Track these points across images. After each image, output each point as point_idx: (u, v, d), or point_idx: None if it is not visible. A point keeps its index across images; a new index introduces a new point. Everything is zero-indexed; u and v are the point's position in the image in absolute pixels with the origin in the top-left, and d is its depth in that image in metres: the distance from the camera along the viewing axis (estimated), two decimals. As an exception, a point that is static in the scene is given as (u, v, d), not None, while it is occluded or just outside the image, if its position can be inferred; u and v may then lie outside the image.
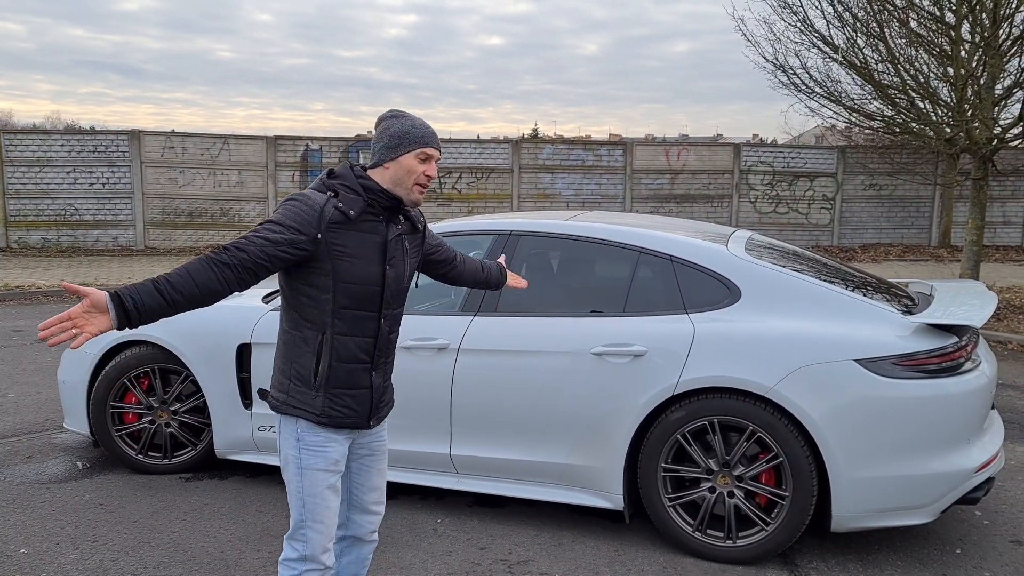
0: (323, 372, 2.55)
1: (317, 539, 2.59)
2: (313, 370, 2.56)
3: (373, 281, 2.56)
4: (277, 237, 2.40)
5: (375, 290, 2.57)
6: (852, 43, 10.71)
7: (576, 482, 4.03)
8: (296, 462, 2.58)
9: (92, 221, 16.22)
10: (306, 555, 2.60)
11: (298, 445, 2.57)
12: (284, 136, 17.08)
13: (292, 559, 2.62)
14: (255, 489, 4.63)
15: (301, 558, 2.60)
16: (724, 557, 3.79)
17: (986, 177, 10.46)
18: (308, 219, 2.43)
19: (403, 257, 2.65)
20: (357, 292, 2.54)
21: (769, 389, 3.62)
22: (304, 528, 2.59)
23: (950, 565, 3.79)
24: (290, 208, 2.46)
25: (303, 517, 2.58)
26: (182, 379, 4.77)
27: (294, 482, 2.59)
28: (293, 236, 2.41)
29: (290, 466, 2.59)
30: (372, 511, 2.81)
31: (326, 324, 2.54)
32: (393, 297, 2.63)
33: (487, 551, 3.91)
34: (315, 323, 2.54)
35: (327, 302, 2.52)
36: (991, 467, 3.72)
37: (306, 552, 2.59)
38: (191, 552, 3.86)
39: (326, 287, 2.51)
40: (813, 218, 18.40)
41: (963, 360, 3.67)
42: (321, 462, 2.57)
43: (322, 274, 2.49)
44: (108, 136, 16.36)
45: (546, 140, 20.15)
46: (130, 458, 4.85)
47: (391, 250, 2.59)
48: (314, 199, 2.47)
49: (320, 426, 2.58)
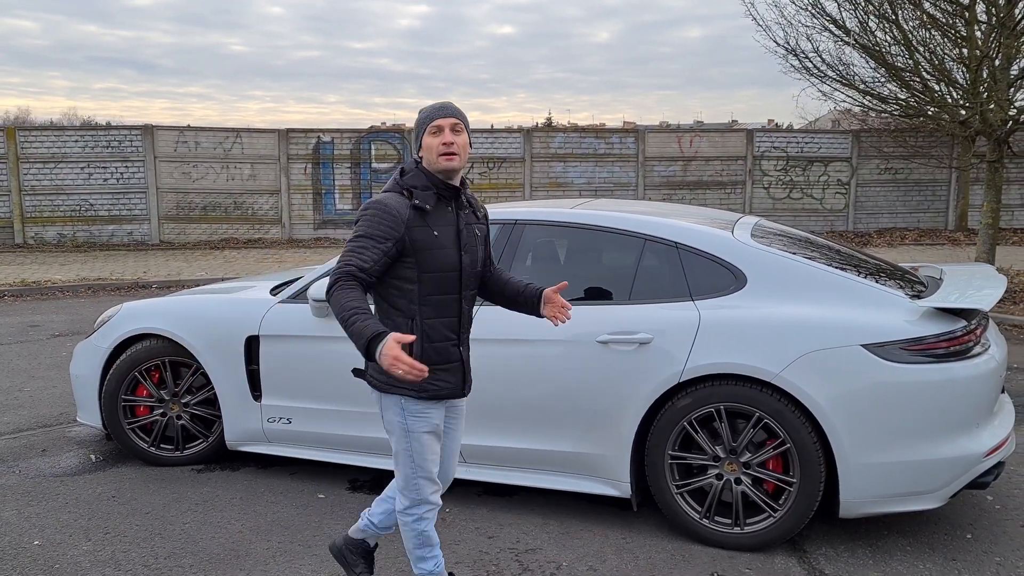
0: (417, 354, 2.82)
1: (426, 486, 2.95)
2: (407, 353, 2.73)
3: (452, 268, 2.86)
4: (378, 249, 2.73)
5: (454, 275, 2.88)
6: (864, 26, 10.59)
7: (584, 470, 4.03)
8: (402, 427, 2.90)
9: (107, 216, 16.34)
10: (420, 500, 2.96)
11: (403, 413, 2.89)
12: (296, 129, 17.11)
13: (408, 507, 2.98)
14: (266, 480, 4.66)
15: (415, 503, 2.97)
16: (732, 544, 3.78)
17: (1001, 159, 10.35)
18: (391, 224, 2.75)
19: (475, 243, 2.96)
20: (440, 279, 2.85)
21: (776, 375, 3.60)
22: (415, 479, 2.94)
23: (960, 550, 3.77)
24: (371, 218, 2.76)
25: (413, 472, 2.93)
26: (192, 372, 4.81)
27: (402, 443, 2.92)
28: (384, 246, 2.74)
29: (396, 430, 2.92)
30: (448, 473, 3.15)
31: (414, 311, 2.84)
32: (470, 280, 2.95)
33: (495, 539, 3.92)
34: (404, 311, 2.85)
35: (413, 292, 2.83)
36: (1001, 451, 3.69)
37: (419, 498, 2.96)
38: (202, 543, 3.89)
39: (412, 278, 2.82)
40: (828, 203, 18.26)
41: (972, 344, 3.63)
42: (424, 425, 2.90)
43: (408, 267, 2.81)
44: (121, 131, 16.46)
45: (558, 129, 20.10)
46: (142, 450, 4.90)
47: (464, 238, 2.90)
48: (391, 203, 2.78)
49: (420, 399, 2.88)
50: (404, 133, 17.59)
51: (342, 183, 17.23)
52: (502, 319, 4.10)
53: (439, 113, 2.84)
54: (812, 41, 11.32)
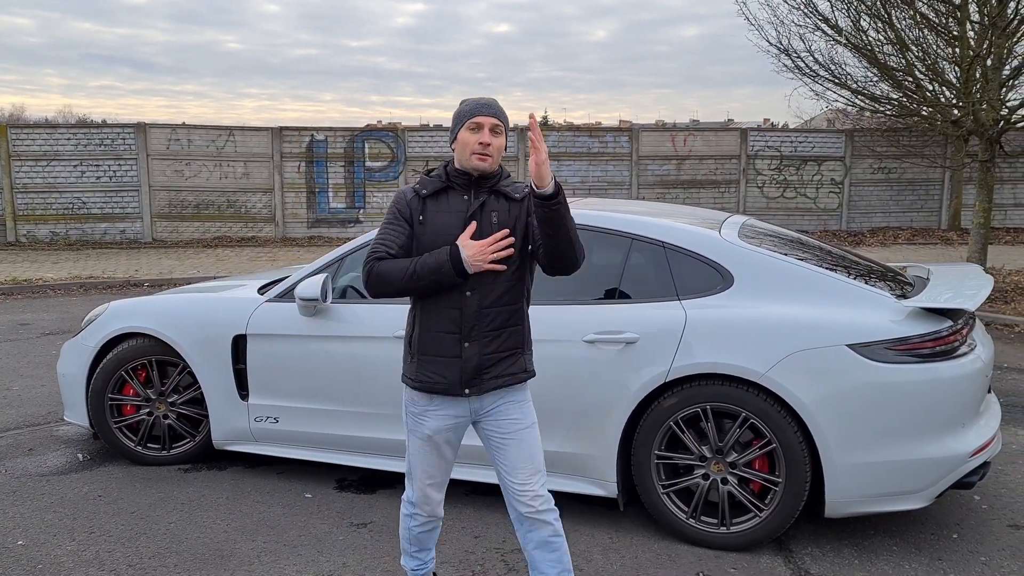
0: (415, 340, 2.84)
1: (415, 488, 2.98)
2: (409, 337, 2.89)
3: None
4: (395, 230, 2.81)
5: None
6: (856, 25, 10.60)
7: (570, 470, 4.02)
8: (404, 420, 2.96)
9: (99, 214, 16.29)
10: (411, 499, 3.02)
11: (405, 407, 2.94)
12: (289, 127, 17.08)
13: (405, 499, 3.06)
14: (253, 480, 4.65)
15: (408, 500, 3.04)
16: (719, 543, 3.78)
17: (994, 159, 10.36)
18: (400, 207, 2.84)
19: (489, 230, 2.77)
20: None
21: (762, 375, 3.60)
22: (408, 475, 3.01)
23: (946, 550, 3.77)
24: (389, 207, 2.87)
25: (408, 467, 3.00)
26: (179, 370, 4.79)
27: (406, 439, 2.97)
28: (400, 226, 2.81)
29: (404, 426, 2.97)
30: (519, 490, 2.85)
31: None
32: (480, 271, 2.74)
33: (481, 539, 3.91)
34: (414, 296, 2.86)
35: None
36: (987, 451, 3.69)
37: (411, 497, 3.01)
38: (187, 543, 3.88)
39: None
40: (821, 202, 18.28)
41: (958, 344, 3.64)
42: (416, 427, 2.90)
43: (415, 250, 2.80)
44: (114, 129, 16.41)
45: (552, 127, 20.08)
46: (129, 450, 4.88)
47: (477, 227, 2.76)
48: (402, 190, 2.88)
49: (418, 393, 2.87)
50: (398, 132, 17.56)
51: (336, 182, 17.20)
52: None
53: (482, 110, 2.77)
54: (804, 40, 11.33)
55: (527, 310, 2.90)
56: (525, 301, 2.89)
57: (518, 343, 2.85)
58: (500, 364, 2.81)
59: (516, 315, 2.83)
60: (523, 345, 2.87)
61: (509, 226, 2.77)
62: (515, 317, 2.83)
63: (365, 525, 4.07)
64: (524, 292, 2.87)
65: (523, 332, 2.87)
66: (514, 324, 2.83)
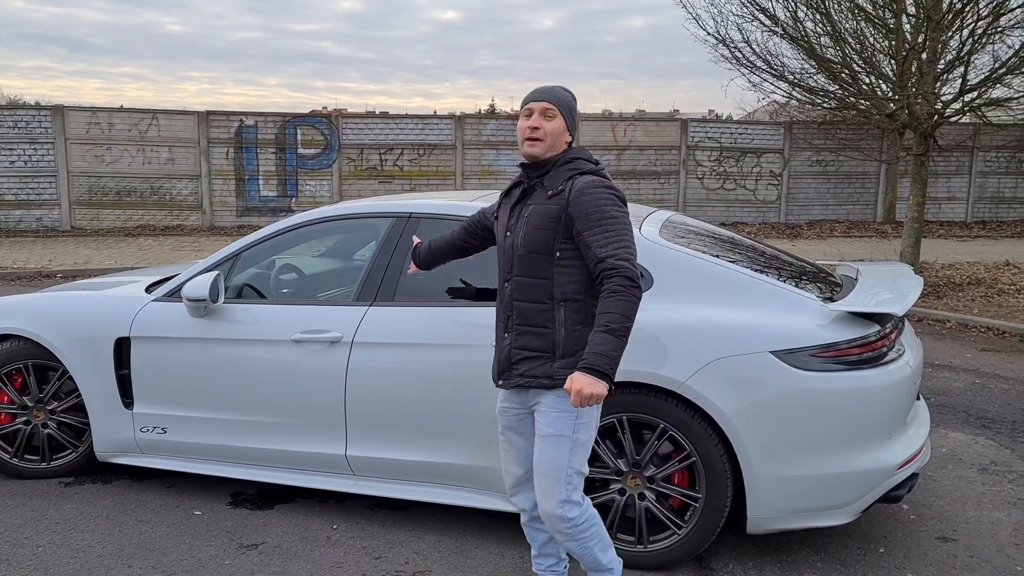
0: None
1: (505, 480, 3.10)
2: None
3: (500, 246, 2.92)
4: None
5: (502, 254, 2.89)
6: (794, 16, 10.48)
7: (479, 484, 3.73)
8: None
9: (14, 201, 15.49)
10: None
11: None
12: (216, 112, 16.44)
13: None
14: (138, 495, 4.26)
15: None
16: (636, 562, 3.53)
17: (927, 153, 10.35)
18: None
19: (520, 223, 2.80)
20: (498, 257, 2.93)
21: (681, 384, 3.35)
22: None
23: (872, 565, 3.58)
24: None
25: None
26: (59, 375, 4.38)
27: None
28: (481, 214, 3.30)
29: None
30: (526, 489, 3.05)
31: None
32: (511, 263, 2.83)
33: (382, 560, 3.60)
34: None
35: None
36: (915, 463, 3.50)
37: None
38: (53, 570, 3.49)
39: None
40: (760, 195, 18.30)
41: (886, 350, 3.43)
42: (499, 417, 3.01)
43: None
44: (29, 112, 15.62)
45: (490, 116, 19.74)
46: (3, 462, 4.45)
47: (512, 216, 2.86)
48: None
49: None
50: (331, 119, 17.03)
51: (267, 168, 16.62)
52: (393, 321, 3.78)
53: (533, 95, 2.84)
54: (742, 31, 11.16)
55: (562, 315, 2.77)
56: (557, 304, 2.77)
57: (547, 346, 2.78)
58: (526, 362, 2.81)
59: (543, 316, 2.78)
60: (552, 349, 2.78)
61: (539, 224, 2.76)
62: (542, 318, 2.78)
63: (256, 547, 3.73)
64: (554, 293, 2.77)
65: (552, 336, 2.78)
66: (542, 325, 2.78)
